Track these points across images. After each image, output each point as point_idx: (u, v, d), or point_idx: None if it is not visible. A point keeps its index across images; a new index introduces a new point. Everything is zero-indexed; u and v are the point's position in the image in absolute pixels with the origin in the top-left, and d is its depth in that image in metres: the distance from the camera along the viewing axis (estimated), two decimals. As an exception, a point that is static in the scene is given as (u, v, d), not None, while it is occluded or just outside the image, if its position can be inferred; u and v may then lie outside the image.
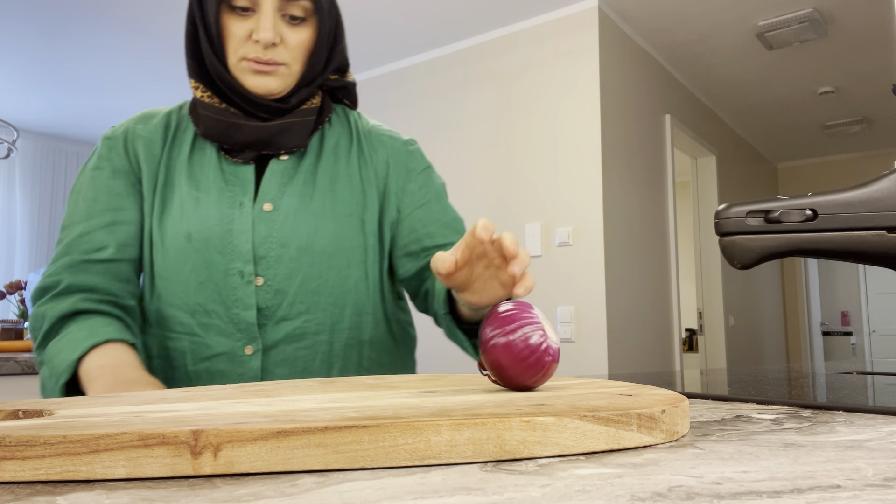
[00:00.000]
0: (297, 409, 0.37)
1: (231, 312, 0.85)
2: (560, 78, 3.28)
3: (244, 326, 0.85)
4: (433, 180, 0.99)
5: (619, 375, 0.91)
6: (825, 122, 5.05)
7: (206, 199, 0.88)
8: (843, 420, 0.45)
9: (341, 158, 0.94)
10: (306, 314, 0.86)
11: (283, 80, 0.89)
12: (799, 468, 0.30)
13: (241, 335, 0.85)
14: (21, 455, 0.28)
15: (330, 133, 0.96)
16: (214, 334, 0.85)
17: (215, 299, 0.85)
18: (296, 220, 0.88)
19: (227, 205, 0.88)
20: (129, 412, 0.36)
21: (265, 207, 0.88)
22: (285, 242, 0.86)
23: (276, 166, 0.91)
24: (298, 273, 0.86)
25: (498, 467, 0.30)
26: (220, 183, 0.89)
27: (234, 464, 0.29)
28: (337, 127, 0.97)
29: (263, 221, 0.87)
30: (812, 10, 3.30)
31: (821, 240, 0.55)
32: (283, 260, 0.86)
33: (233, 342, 0.85)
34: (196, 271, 0.85)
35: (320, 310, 0.87)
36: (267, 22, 0.85)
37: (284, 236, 0.87)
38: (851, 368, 1.00)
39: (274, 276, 0.86)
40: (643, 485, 0.27)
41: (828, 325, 7.19)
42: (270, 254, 0.86)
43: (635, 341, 3.31)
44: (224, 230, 0.86)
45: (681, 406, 0.38)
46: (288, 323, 0.86)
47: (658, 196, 3.73)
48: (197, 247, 0.85)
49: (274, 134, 0.89)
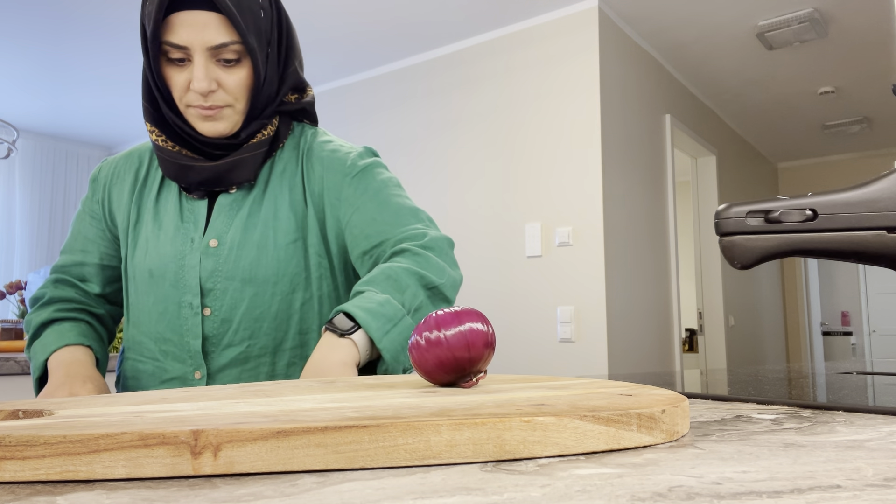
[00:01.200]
0: (297, 409, 0.37)
1: (183, 340, 0.94)
2: (560, 78, 3.28)
3: (193, 353, 0.93)
4: (371, 179, 0.97)
5: (619, 375, 0.91)
6: (825, 122, 5.05)
7: (164, 237, 0.97)
8: (843, 420, 0.45)
9: (285, 185, 0.97)
10: (249, 340, 0.92)
11: (229, 121, 0.93)
12: (799, 468, 0.30)
13: (192, 361, 0.93)
14: (21, 455, 0.28)
15: (280, 159, 0.99)
16: (171, 360, 0.94)
17: (172, 328, 0.94)
18: (238, 254, 0.93)
19: (181, 241, 0.96)
20: (129, 412, 0.36)
21: (211, 243, 0.94)
22: (230, 275, 0.93)
23: (224, 200, 0.96)
24: (242, 303, 0.92)
25: (498, 467, 0.30)
26: (177, 220, 0.97)
27: (234, 464, 0.29)
28: (288, 151, 1.00)
29: (210, 256, 0.94)
30: (812, 10, 3.30)
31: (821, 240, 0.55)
32: (228, 292, 0.92)
33: (185, 367, 0.93)
34: (157, 303, 0.95)
35: (263, 334, 0.93)
36: (199, 72, 0.89)
37: (228, 269, 0.93)
38: (851, 368, 1.00)
39: (220, 307, 0.92)
40: (643, 485, 0.27)
41: (828, 325, 7.19)
42: (217, 287, 0.93)
43: (635, 341, 3.31)
44: (177, 265, 0.94)
45: (681, 406, 0.38)
46: (233, 349, 0.93)
47: (658, 196, 3.73)
48: (157, 281, 0.95)
49: (223, 172, 0.94)
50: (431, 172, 3.71)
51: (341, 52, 3.84)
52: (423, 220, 0.96)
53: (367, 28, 3.54)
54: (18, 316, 2.46)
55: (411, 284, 0.85)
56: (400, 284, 0.85)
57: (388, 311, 0.82)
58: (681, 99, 4.16)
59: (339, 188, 0.96)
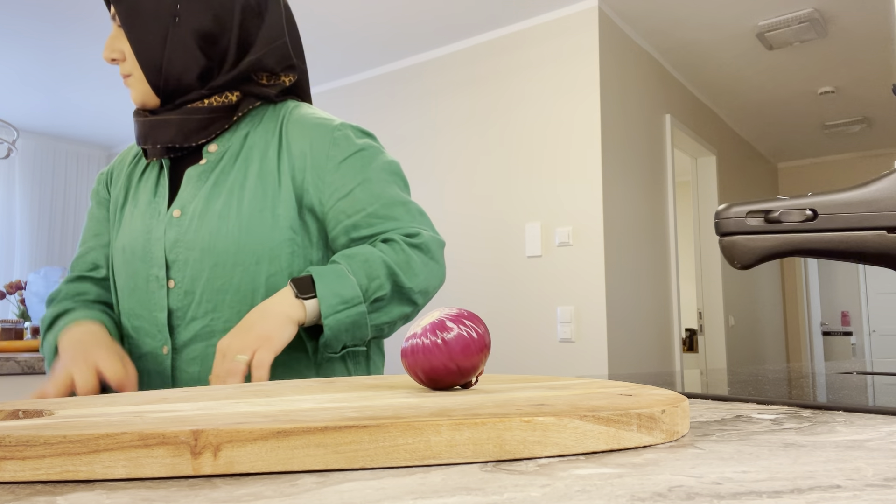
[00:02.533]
0: (297, 409, 0.37)
1: (152, 315, 0.92)
2: (560, 78, 3.28)
3: (160, 327, 0.92)
4: (362, 166, 0.95)
5: (619, 375, 0.91)
6: (825, 122, 5.05)
7: (137, 212, 0.97)
8: (843, 420, 0.45)
9: (257, 157, 0.95)
10: (213, 313, 0.90)
11: (137, 90, 0.95)
12: (799, 468, 0.30)
13: (160, 336, 0.92)
14: (21, 455, 0.28)
15: (256, 131, 0.97)
16: (143, 336, 0.93)
17: (142, 303, 0.93)
18: (199, 223, 0.92)
19: (150, 215, 0.95)
20: (129, 412, 0.36)
21: (174, 213, 0.93)
22: (190, 245, 0.91)
23: (193, 171, 0.95)
24: (203, 273, 0.90)
25: (498, 467, 0.30)
26: (150, 195, 0.97)
27: (234, 464, 0.29)
28: (266, 123, 0.98)
29: (173, 227, 0.93)
30: (812, 10, 3.30)
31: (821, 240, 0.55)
32: (189, 262, 0.91)
33: (154, 343, 0.92)
34: (129, 279, 0.95)
35: (227, 307, 0.90)
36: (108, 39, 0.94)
37: (189, 240, 0.92)
38: (851, 368, 1.00)
39: (182, 278, 0.91)
40: (643, 485, 0.27)
41: (828, 325, 7.19)
42: (179, 258, 0.91)
43: (635, 341, 3.31)
44: (145, 239, 0.94)
45: (681, 406, 0.38)
46: (197, 322, 0.91)
47: (658, 196, 3.73)
48: (128, 257, 0.95)
49: (148, 129, 0.95)
50: (431, 172, 3.71)
51: (341, 53, 3.84)
52: (415, 216, 0.94)
53: (366, 28, 3.54)
54: (18, 316, 2.46)
55: (381, 276, 0.86)
56: (371, 271, 0.86)
57: (347, 294, 0.84)
58: (681, 99, 4.16)
59: (324, 169, 0.94)
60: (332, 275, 0.85)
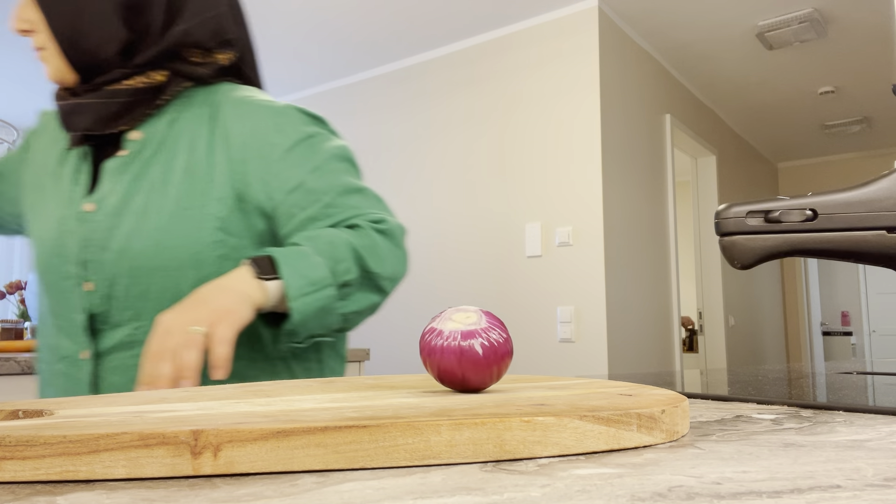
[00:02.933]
0: (297, 409, 0.37)
1: (70, 315, 0.83)
2: (560, 78, 3.28)
3: (79, 330, 0.82)
4: (311, 153, 0.86)
5: (619, 375, 0.91)
6: (825, 122, 5.05)
7: (53, 200, 0.86)
8: (843, 420, 0.45)
9: (184, 147, 0.85)
10: (136, 321, 0.81)
11: (52, 65, 0.85)
12: (799, 468, 0.30)
13: (79, 339, 0.82)
14: (21, 455, 0.28)
15: (183, 118, 0.87)
16: (63, 337, 0.84)
17: (59, 302, 0.84)
18: (114, 221, 0.82)
19: (65, 204, 0.85)
20: (129, 412, 0.36)
21: (86, 207, 0.83)
22: (104, 245, 0.81)
23: (113, 163, 0.85)
24: (121, 278, 0.81)
25: (498, 467, 0.30)
26: (68, 182, 0.87)
27: (234, 464, 0.29)
28: (196, 108, 0.87)
29: (85, 223, 0.83)
30: (812, 10, 3.30)
31: (821, 240, 0.55)
32: (105, 264, 0.81)
33: (73, 346, 0.83)
34: (45, 274, 0.85)
35: (151, 315, 0.80)
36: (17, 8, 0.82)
37: (102, 239, 0.82)
38: (851, 368, 1.00)
39: (100, 280, 0.81)
40: (643, 485, 0.27)
41: (828, 325, 7.19)
42: (94, 257, 0.81)
43: (635, 341, 3.31)
44: (58, 232, 0.84)
45: (681, 406, 0.38)
46: (121, 330, 0.81)
47: (658, 196, 3.73)
48: (43, 249, 0.85)
49: (64, 115, 0.85)
50: (431, 172, 3.71)
51: (340, 53, 3.84)
52: (373, 203, 0.86)
53: (365, 29, 3.54)
54: (18, 316, 2.46)
55: (348, 259, 0.78)
56: (337, 254, 0.78)
57: (314, 275, 0.75)
58: (681, 99, 4.16)
59: (270, 157, 0.84)
60: (295, 255, 0.76)
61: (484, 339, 0.45)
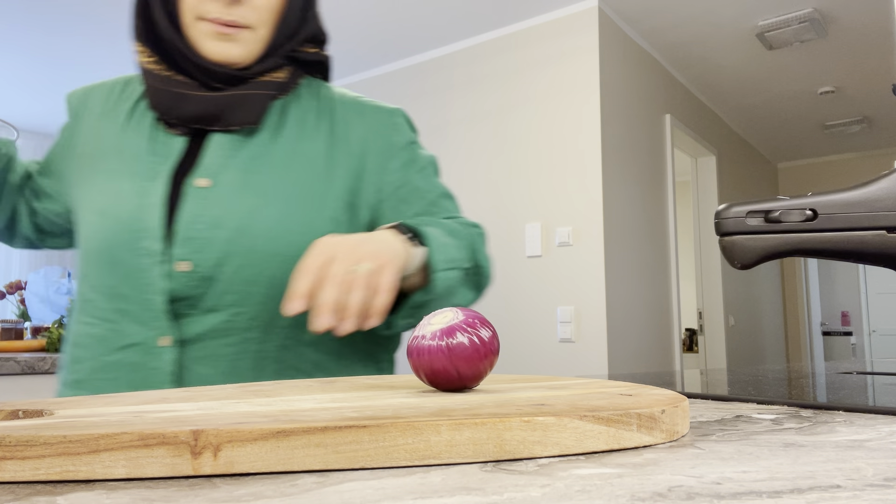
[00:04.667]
0: (297, 409, 0.37)
1: (143, 297, 0.74)
2: (560, 78, 3.28)
3: (157, 314, 0.74)
4: (416, 155, 0.88)
5: (619, 375, 0.91)
6: (825, 122, 5.05)
7: (124, 170, 0.79)
8: (843, 420, 0.45)
9: (305, 136, 0.83)
10: (238, 306, 0.75)
11: (245, 47, 0.79)
12: (799, 468, 0.30)
13: (157, 324, 0.74)
14: (21, 455, 0.28)
15: (295, 107, 0.85)
16: (130, 321, 0.75)
17: (128, 282, 0.75)
18: (234, 198, 0.76)
19: (144, 176, 0.78)
20: (129, 412, 0.36)
21: (199, 182, 0.77)
22: (218, 223, 0.75)
23: (222, 138, 0.80)
24: (232, 259, 0.75)
25: (498, 467, 0.30)
26: (144, 154, 0.80)
27: (234, 464, 0.29)
28: (305, 100, 0.86)
29: (195, 198, 0.76)
30: (812, 10, 3.30)
31: (821, 240, 0.55)
32: (215, 243, 0.75)
33: (147, 331, 0.74)
34: (109, 250, 0.76)
35: (255, 303, 0.75)
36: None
37: (218, 215, 0.75)
38: (851, 368, 1.00)
39: (202, 260, 0.74)
40: (643, 485, 0.27)
41: (828, 325, 7.19)
42: (200, 235, 0.75)
43: (635, 341, 3.31)
44: (135, 205, 0.76)
45: (681, 406, 0.38)
46: (215, 315, 0.75)
47: (658, 196, 3.73)
48: (108, 223, 0.77)
49: (223, 107, 0.79)
50: (431, 172, 3.71)
51: (339, 53, 3.84)
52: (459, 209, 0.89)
53: (365, 29, 3.54)
54: (18, 316, 2.46)
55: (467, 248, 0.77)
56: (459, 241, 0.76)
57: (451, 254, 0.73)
58: (681, 99, 4.16)
59: (386, 156, 0.84)
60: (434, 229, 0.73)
61: (468, 331, 0.47)
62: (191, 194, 0.76)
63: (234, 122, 0.79)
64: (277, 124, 0.82)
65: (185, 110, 0.79)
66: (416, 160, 0.87)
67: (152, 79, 0.80)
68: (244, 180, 0.77)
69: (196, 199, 0.76)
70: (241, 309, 0.75)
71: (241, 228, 0.75)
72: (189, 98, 0.79)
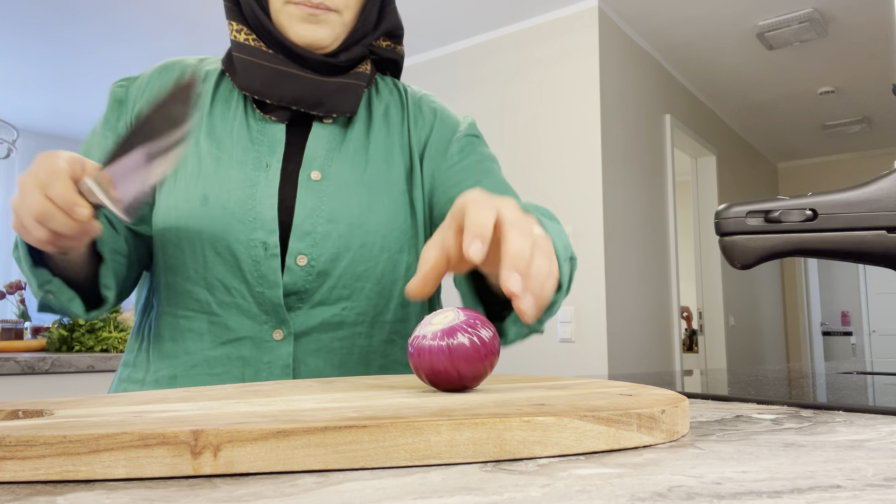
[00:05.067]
0: (297, 409, 0.37)
1: (255, 291, 0.73)
2: (560, 78, 3.28)
3: (270, 308, 0.73)
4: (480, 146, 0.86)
5: (619, 375, 0.91)
6: (825, 122, 5.05)
7: (228, 159, 0.76)
8: (843, 420, 0.45)
9: (394, 128, 0.83)
10: (347, 301, 0.75)
11: (332, 31, 0.78)
12: (799, 468, 0.30)
13: (268, 317, 0.73)
14: (21, 455, 0.28)
15: (378, 100, 0.85)
16: (236, 314, 0.73)
17: (236, 274, 0.73)
18: (348, 193, 0.76)
19: (252, 166, 0.76)
20: (129, 412, 0.36)
21: (313, 175, 0.76)
22: (334, 217, 0.75)
23: (322, 130, 0.79)
24: (346, 254, 0.74)
25: (498, 467, 0.30)
26: (244, 141, 0.77)
27: (234, 464, 0.29)
28: (385, 94, 0.86)
29: (310, 191, 0.75)
30: (812, 10, 3.30)
31: (821, 240, 0.55)
32: (331, 237, 0.74)
33: (257, 325, 0.73)
34: (213, 240, 0.73)
35: (364, 297, 0.76)
36: None
37: (334, 210, 0.75)
38: (851, 368, 1.00)
39: (319, 255, 0.73)
40: (643, 485, 0.27)
41: (828, 325, 7.19)
42: (317, 229, 0.74)
43: (635, 341, 3.31)
44: (245, 195, 0.74)
45: (681, 406, 0.38)
46: (325, 309, 0.74)
47: (658, 196, 3.73)
48: (213, 212, 0.73)
49: (331, 92, 0.78)
50: (431, 172, 3.71)
51: (341, 52, 3.84)
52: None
53: (367, 28, 3.54)
54: (18, 316, 2.46)
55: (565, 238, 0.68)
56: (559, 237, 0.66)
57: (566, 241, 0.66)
58: (681, 99, 4.16)
59: (447, 142, 0.84)
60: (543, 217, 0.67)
61: (469, 331, 0.46)
62: (305, 187, 0.75)
63: (336, 110, 0.78)
64: (367, 117, 0.83)
65: (287, 89, 0.77)
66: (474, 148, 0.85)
67: (252, 54, 0.77)
68: (353, 175, 0.77)
69: (311, 192, 0.75)
70: (350, 303, 0.75)
71: (356, 223, 0.75)
72: (292, 77, 0.77)
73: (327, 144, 0.78)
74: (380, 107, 0.84)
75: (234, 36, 0.80)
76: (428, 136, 0.84)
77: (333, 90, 0.78)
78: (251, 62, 0.77)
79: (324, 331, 0.74)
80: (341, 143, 0.79)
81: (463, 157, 0.83)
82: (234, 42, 0.80)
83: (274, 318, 0.73)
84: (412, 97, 0.88)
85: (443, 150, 0.83)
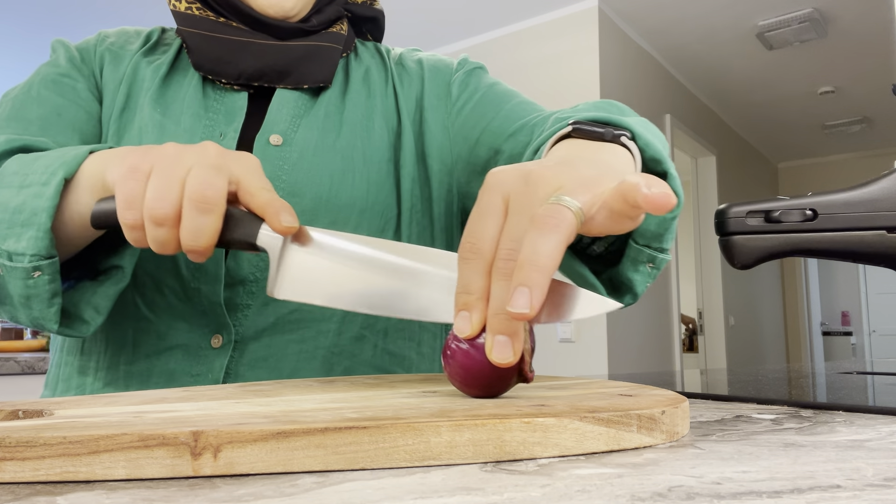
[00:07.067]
0: (297, 409, 0.37)
1: (189, 287, 0.60)
2: (560, 78, 3.28)
3: (208, 307, 0.60)
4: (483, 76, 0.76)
5: (619, 375, 0.91)
6: (825, 122, 5.05)
7: (174, 127, 0.64)
8: (843, 420, 0.45)
9: (375, 89, 0.72)
10: None
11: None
12: (799, 468, 0.30)
13: (206, 320, 0.60)
14: (21, 456, 0.28)
15: (357, 63, 0.74)
16: (168, 318, 0.60)
17: (168, 268, 0.60)
18: (316, 161, 0.64)
19: (203, 134, 0.64)
20: (129, 412, 0.36)
21: (272, 139, 0.64)
22: (297, 190, 0.62)
23: (288, 94, 0.68)
24: None
25: (498, 467, 0.30)
26: (196, 108, 0.66)
27: (234, 465, 0.29)
28: (366, 58, 0.76)
29: (267, 159, 0.63)
30: (812, 10, 3.30)
31: (821, 240, 0.55)
32: None
33: (194, 329, 0.60)
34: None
35: None
36: None
37: (296, 181, 0.63)
38: (851, 368, 1.00)
39: None
40: (643, 485, 0.27)
41: (828, 325, 7.19)
42: None
43: (635, 341, 3.31)
44: None
45: (681, 406, 0.38)
46: (282, 304, 0.61)
47: (658, 196, 3.73)
48: None
49: (298, 59, 0.67)
50: (431, 172, 3.71)
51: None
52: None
53: (367, 28, 3.54)
54: (18, 316, 2.46)
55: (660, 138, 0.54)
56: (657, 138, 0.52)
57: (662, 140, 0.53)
58: (681, 99, 4.16)
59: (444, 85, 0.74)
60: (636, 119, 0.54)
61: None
62: (262, 154, 0.63)
63: (306, 80, 0.67)
64: (344, 81, 0.72)
65: (246, 64, 0.65)
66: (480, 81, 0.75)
67: (199, 26, 0.66)
68: (322, 140, 0.65)
69: (268, 160, 0.63)
70: None
71: (324, 197, 0.63)
72: (250, 47, 0.66)
73: (293, 110, 0.67)
74: (359, 69, 0.74)
75: (172, 6, 0.69)
76: (420, 90, 0.73)
77: (301, 55, 0.67)
78: (198, 35, 0.66)
79: (278, 332, 0.61)
80: (311, 107, 0.68)
81: (471, 94, 0.73)
82: (174, 13, 0.69)
83: (213, 321, 0.60)
84: (393, 56, 0.78)
85: (444, 97, 0.73)
